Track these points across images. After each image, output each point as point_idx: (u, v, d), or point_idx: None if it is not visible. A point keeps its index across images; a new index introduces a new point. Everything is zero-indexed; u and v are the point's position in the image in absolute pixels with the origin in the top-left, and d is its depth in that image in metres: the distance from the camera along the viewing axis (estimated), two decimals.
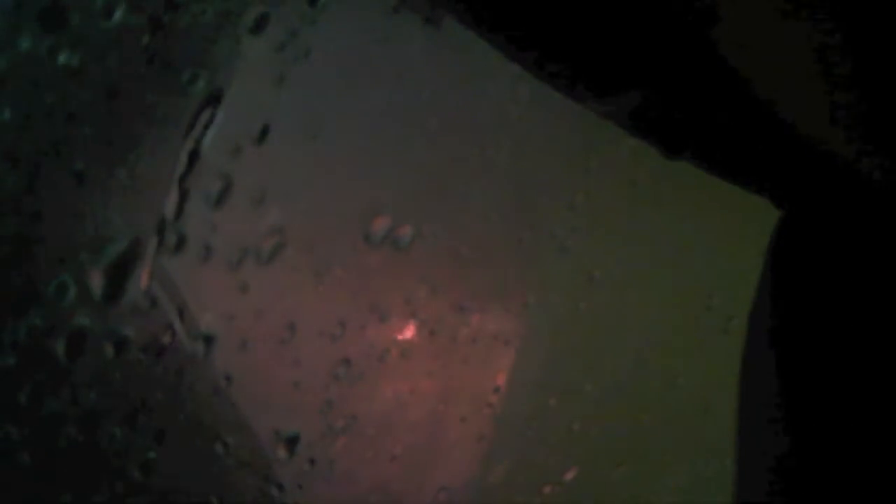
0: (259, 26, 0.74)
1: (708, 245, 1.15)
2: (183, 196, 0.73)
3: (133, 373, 0.79)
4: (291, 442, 0.89)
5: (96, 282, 0.76)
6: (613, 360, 1.18)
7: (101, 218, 0.76)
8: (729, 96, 0.50)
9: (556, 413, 1.15)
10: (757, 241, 0.57)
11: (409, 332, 0.98)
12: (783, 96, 0.48)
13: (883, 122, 0.45)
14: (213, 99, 0.73)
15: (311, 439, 0.94)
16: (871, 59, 0.42)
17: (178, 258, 0.77)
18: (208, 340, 0.81)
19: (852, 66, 0.43)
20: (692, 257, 1.16)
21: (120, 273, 0.76)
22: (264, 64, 0.77)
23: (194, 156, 0.72)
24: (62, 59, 0.69)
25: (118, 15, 0.70)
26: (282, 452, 0.89)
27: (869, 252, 0.51)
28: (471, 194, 0.99)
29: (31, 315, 0.73)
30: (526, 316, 1.11)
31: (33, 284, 0.74)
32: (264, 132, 0.75)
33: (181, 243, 0.76)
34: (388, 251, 0.88)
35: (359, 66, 0.86)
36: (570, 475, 1.16)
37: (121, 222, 0.77)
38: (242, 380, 0.86)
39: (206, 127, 0.72)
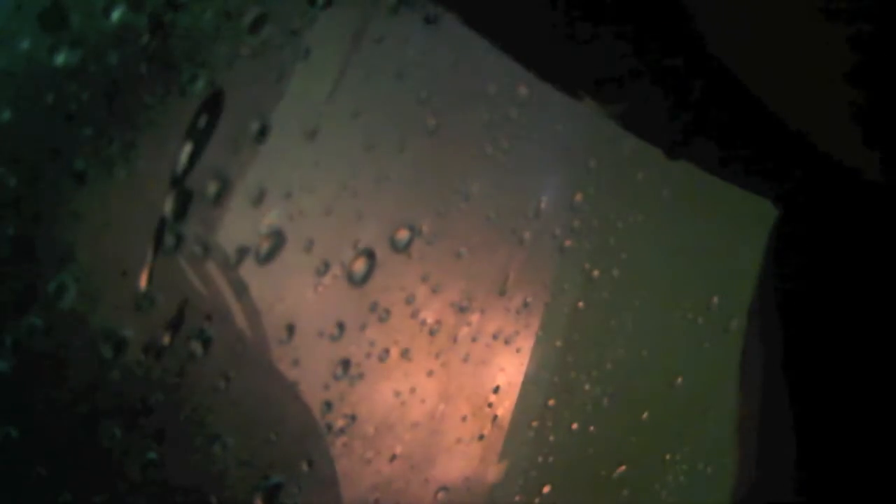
0: (259, 26, 0.74)
1: (708, 245, 1.15)
2: (182, 196, 0.73)
3: (133, 373, 0.79)
4: (272, 491, 0.87)
5: (96, 282, 0.76)
6: (613, 360, 1.18)
7: (101, 218, 0.76)
8: (729, 96, 0.50)
9: (556, 413, 1.15)
10: (757, 241, 0.57)
11: (409, 332, 0.98)
12: (783, 96, 0.48)
13: (883, 122, 0.45)
14: (213, 99, 0.73)
15: (310, 439, 0.94)
16: (871, 58, 0.42)
17: (178, 258, 0.77)
18: (208, 340, 0.81)
19: (852, 66, 0.43)
20: (692, 257, 1.16)
21: (119, 273, 0.76)
22: (264, 64, 0.77)
23: (194, 156, 0.72)
24: (62, 59, 0.69)
25: (118, 15, 0.70)
26: None
27: (868, 250, 0.51)
28: (471, 194, 0.99)
29: (31, 315, 0.73)
30: (526, 316, 1.11)
31: (33, 284, 0.74)
32: (263, 132, 0.75)
33: (180, 243, 0.76)
34: (387, 251, 0.88)
35: (359, 66, 0.86)
36: (569, 475, 1.16)
37: (121, 222, 0.77)
38: (242, 380, 0.86)
39: (206, 127, 0.72)
